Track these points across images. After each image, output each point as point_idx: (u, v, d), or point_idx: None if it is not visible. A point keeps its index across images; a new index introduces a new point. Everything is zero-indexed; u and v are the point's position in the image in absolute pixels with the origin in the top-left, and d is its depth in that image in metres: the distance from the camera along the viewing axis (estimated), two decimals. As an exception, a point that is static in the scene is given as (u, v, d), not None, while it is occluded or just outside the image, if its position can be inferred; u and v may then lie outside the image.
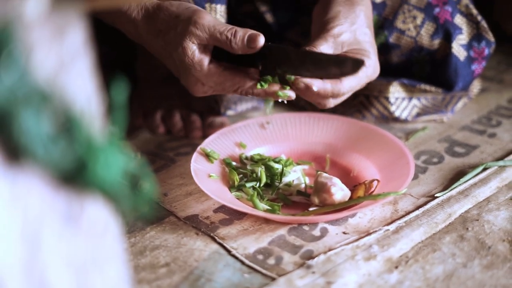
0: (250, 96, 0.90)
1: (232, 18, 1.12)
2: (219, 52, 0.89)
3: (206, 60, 0.87)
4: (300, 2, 1.21)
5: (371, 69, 0.93)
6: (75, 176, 0.39)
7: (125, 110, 0.45)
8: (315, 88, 0.86)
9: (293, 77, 0.87)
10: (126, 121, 0.45)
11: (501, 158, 1.01)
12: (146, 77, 1.18)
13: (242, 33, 0.85)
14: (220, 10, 1.01)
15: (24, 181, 0.38)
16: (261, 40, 0.85)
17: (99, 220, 0.45)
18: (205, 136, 1.08)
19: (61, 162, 0.38)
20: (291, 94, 0.88)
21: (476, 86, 1.22)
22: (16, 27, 0.36)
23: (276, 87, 0.88)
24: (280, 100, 0.89)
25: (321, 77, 0.87)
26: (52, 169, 0.38)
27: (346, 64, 0.83)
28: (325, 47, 0.89)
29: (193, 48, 0.87)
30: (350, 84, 0.89)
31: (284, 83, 0.89)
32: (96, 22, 0.67)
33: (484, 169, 0.97)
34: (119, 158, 0.43)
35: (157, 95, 1.16)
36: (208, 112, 1.13)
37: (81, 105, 0.42)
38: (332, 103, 0.91)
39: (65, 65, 0.41)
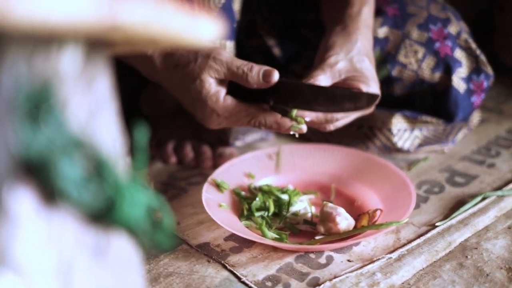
0: (262, 128, 0.94)
1: (241, 52, 1.16)
2: (232, 88, 0.93)
3: (222, 92, 0.92)
4: (305, 36, 1.25)
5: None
6: (104, 214, 0.43)
7: (146, 151, 0.49)
8: (307, 119, 0.91)
9: (295, 111, 0.92)
10: (147, 161, 0.49)
11: (500, 188, 1.05)
12: (153, 110, 1.22)
13: (257, 68, 0.90)
14: (230, 46, 1.06)
15: (58, 220, 0.42)
16: (276, 75, 0.90)
17: (123, 252, 0.49)
18: (215, 166, 1.12)
19: (92, 202, 0.42)
20: (303, 127, 0.92)
21: (476, 117, 1.26)
22: (54, 82, 0.40)
23: (288, 121, 0.92)
24: (291, 133, 0.93)
25: (335, 111, 0.91)
26: (83, 208, 0.42)
27: (361, 99, 0.87)
28: (323, 76, 0.94)
29: (210, 81, 0.91)
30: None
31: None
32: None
33: (483, 199, 1.01)
34: (142, 196, 0.47)
35: (169, 126, 1.20)
36: (218, 143, 1.17)
37: (108, 148, 0.46)
38: (332, 127, 0.95)
39: (94, 112, 0.45)
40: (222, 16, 1.04)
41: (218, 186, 1.00)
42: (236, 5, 1.10)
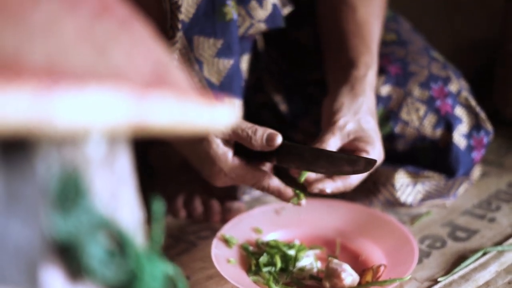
0: (265, 192, 0.98)
1: (248, 108, 1.20)
2: (238, 146, 0.98)
3: (230, 153, 0.96)
4: (311, 93, 1.29)
5: (376, 156, 1.01)
6: (126, 286, 0.46)
7: (163, 223, 0.53)
8: (328, 191, 0.95)
9: (306, 174, 0.96)
10: (163, 234, 0.53)
11: (500, 242, 1.08)
12: (161, 166, 1.26)
13: (261, 132, 0.94)
14: (238, 104, 1.10)
15: (84, 293, 0.45)
16: (279, 139, 0.94)
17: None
18: (224, 220, 1.15)
19: (115, 276, 0.45)
20: (302, 202, 0.97)
21: (477, 171, 1.29)
22: (81, 167, 0.43)
23: (290, 192, 0.97)
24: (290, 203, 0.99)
25: (334, 174, 0.95)
26: (107, 282, 0.45)
27: (359, 163, 0.92)
28: (333, 140, 0.99)
29: (217, 142, 0.96)
30: (358, 177, 0.98)
31: (298, 185, 0.98)
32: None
33: (484, 254, 1.04)
34: (160, 266, 0.50)
35: (178, 180, 1.24)
36: (226, 197, 1.21)
37: (128, 222, 0.50)
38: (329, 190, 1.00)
39: (116, 190, 0.49)
40: (231, 75, 1.08)
41: (226, 242, 1.04)
42: (244, 65, 1.15)
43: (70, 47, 0.40)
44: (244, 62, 1.14)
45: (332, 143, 0.99)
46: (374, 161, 0.92)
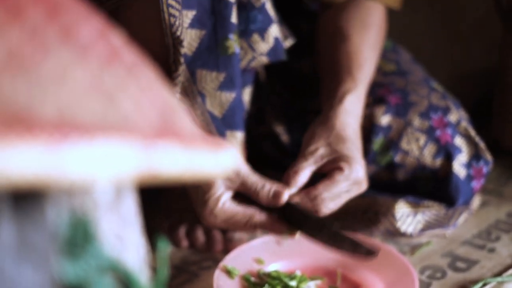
0: (258, 229, 1.00)
1: (250, 139, 1.22)
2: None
3: (225, 196, 0.99)
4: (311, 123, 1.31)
5: (354, 175, 1.02)
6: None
7: (168, 263, 0.54)
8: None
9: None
10: (168, 275, 0.54)
11: (500, 273, 1.09)
12: (163, 195, 1.28)
13: (269, 187, 0.97)
14: (240, 136, 1.11)
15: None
16: (285, 197, 0.96)
17: None
18: (226, 249, 1.16)
19: (122, 318, 0.46)
20: (296, 235, 0.99)
21: (476, 200, 1.30)
22: (90, 211, 0.45)
23: (282, 226, 0.98)
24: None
25: (333, 248, 0.96)
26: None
27: (360, 249, 0.93)
28: (305, 164, 1.02)
29: (219, 183, 0.98)
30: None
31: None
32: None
33: (484, 285, 1.05)
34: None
35: (181, 209, 1.25)
36: (228, 227, 1.22)
37: (134, 263, 0.51)
38: (326, 209, 1.00)
39: (122, 232, 0.50)
40: (233, 108, 1.10)
41: (228, 273, 1.04)
42: (246, 97, 1.16)
43: (80, 98, 0.42)
44: (246, 94, 1.16)
45: (305, 167, 1.01)
46: (377, 252, 0.93)
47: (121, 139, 0.38)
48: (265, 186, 0.98)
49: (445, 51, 1.88)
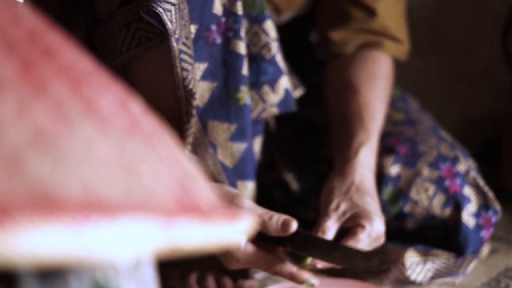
0: (277, 276, 1.00)
1: (260, 187, 1.23)
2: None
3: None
4: (321, 171, 1.32)
5: (376, 229, 1.03)
6: None
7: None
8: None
9: (309, 259, 0.98)
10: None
11: (510, 324, 1.09)
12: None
13: (277, 218, 0.97)
14: (250, 186, 1.12)
15: None
16: (294, 225, 0.97)
17: None
18: (235, 298, 1.17)
19: None
20: (316, 284, 0.98)
21: (485, 248, 1.31)
22: (111, 281, 0.46)
23: (303, 275, 0.98)
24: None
25: (347, 266, 0.97)
26: None
27: (373, 260, 0.93)
28: (330, 222, 1.03)
29: None
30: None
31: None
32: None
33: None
34: None
35: (191, 257, 1.25)
36: (239, 275, 1.22)
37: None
38: None
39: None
40: (244, 158, 1.11)
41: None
42: (257, 147, 1.18)
43: (103, 172, 0.43)
44: (257, 144, 1.17)
45: (331, 226, 1.02)
46: (389, 259, 0.94)
47: (143, 218, 0.39)
48: (273, 217, 0.98)
49: (452, 96, 1.90)
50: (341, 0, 1.30)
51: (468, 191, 1.22)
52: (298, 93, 1.24)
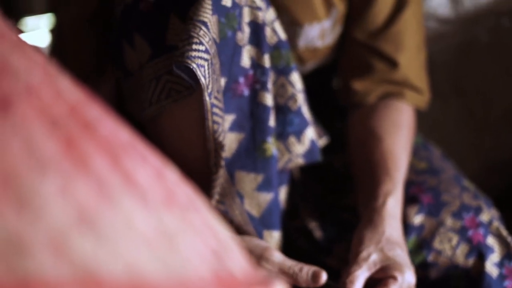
0: None
1: (284, 235, 1.23)
2: None
3: None
4: (345, 219, 1.32)
5: (407, 282, 1.02)
6: None
7: None
8: None
9: None
10: None
11: None
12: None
13: (307, 269, 0.97)
14: (276, 236, 1.12)
15: None
16: (324, 276, 0.97)
17: None
18: None
19: None
20: None
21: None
22: None
23: None
24: None
25: None
26: None
27: None
28: (360, 272, 1.02)
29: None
30: None
31: None
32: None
33: None
34: None
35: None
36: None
37: None
38: None
39: None
40: (270, 208, 1.11)
41: None
42: (282, 196, 1.18)
43: (143, 248, 0.43)
44: (282, 194, 1.17)
45: (359, 275, 1.02)
46: None
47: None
48: (303, 269, 0.98)
49: (474, 141, 1.89)
50: (363, 52, 1.30)
51: (491, 241, 1.21)
52: (322, 142, 1.25)
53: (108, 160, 0.47)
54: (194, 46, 0.95)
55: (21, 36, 0.55)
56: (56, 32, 1.21)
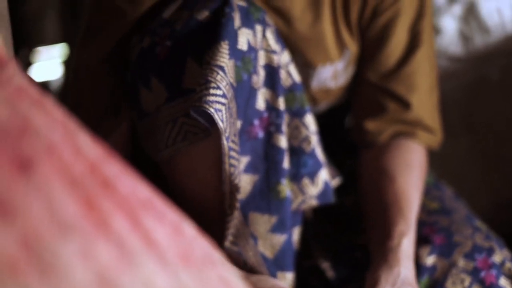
0: None
1: (297, 276, 1.22)
2: None
3: None
4: (358, 259, 1.31)
5: None
6: None
7: None
8: None
9: None
10: None
11: None
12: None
13: None
14: (289, 277, 1.12)
15: None
16: None
17: None
18: None
19: None
20: None
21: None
22: None
23: None
24: None
25: None
26: None
27: None
28: None
29: None
30: None
31: None
32: None
33: None
34: None
35: None
36: None
37: None
38: None
39: None
40: (284, 249, 1.11)
41: None
42: (296, 236, 1.17)
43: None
44: (296, 234, 1.17)
45: None
46: None
47: None
48: None
49: (484, 178, 1.88)
50: (376, 92, 1.30)
51: (503, 282, 1.20)
52: (335, 182, 1.24)
53: (128, 220, 0.47)
54: (211, 91, 0.96)
55: (40, 91, 0.55)
56: (73, 70, 1.21)
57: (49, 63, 3.16)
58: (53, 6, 2.87)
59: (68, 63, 2.77)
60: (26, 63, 3.05)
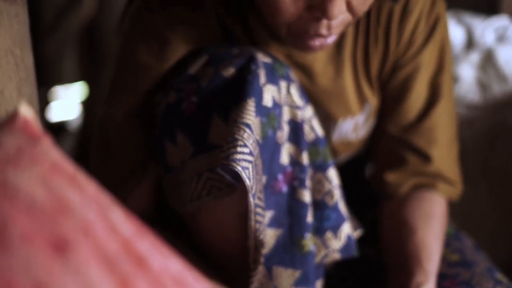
0: None
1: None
2: None
3: None
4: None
5: None
6: None
7: None
8: None
9: None
10: None
11: None
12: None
13: None
14: None
15: None
16: None
17: None
18: None
19: None
20: None
21: None
22: None
23: None
24: None
25: None
26: None
27: None
28: None
29: None
30: None
31: None
32: None
33: None
34: None
35: None
36: None
37: None
38: None
39: None
40: None
41: None
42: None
43: None
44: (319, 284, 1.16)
45: None
46: None
47: None
48: None
49: (503, 227, 1.86)
50: (396, 145, 1.29)
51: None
52: (357, 234, 1.23)
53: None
54: (239, 149, 0.96)
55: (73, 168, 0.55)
56: (98, 126, 1.22)
57: (67, 102, 3.18)
58: (70, 45, 2.89)
59: (86, 103, 2.78)
60: (44, 103, 3.07)
